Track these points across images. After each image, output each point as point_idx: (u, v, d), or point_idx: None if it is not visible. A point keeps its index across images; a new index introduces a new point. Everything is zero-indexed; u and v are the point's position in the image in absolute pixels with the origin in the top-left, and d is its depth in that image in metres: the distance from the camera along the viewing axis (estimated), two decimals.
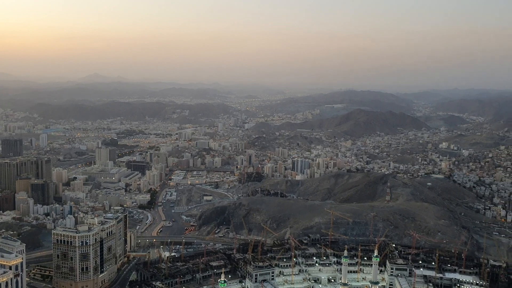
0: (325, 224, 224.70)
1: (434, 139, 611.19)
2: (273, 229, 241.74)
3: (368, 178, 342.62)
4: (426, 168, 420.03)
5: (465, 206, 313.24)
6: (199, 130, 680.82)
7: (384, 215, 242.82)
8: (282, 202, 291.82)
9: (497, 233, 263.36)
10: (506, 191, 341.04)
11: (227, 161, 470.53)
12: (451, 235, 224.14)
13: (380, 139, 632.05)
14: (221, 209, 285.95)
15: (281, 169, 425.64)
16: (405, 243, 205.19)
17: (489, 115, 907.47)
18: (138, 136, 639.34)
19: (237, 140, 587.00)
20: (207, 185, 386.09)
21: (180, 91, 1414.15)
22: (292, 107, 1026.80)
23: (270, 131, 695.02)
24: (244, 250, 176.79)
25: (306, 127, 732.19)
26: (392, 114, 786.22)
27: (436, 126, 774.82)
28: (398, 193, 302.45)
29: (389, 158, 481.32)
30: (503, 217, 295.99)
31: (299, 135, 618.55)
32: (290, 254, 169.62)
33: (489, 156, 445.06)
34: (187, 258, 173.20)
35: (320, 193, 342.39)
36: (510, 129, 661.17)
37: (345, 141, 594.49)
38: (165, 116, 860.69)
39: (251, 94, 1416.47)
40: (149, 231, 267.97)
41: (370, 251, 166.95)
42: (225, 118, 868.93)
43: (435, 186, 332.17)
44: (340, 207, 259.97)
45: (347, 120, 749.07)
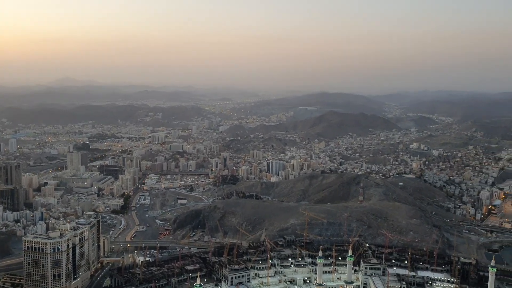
0: (300, 225, 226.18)
1: (405, 140, 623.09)
2: (248, 232, 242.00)
3: (342, 179, 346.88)
4: (397, 168, 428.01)
5: (435, 205, 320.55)
6: (172, 133, 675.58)
7: (358, 215, 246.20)
8: (257, 204, 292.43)
9: (467, 231, 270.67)
10: (474, 190, 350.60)
11: (201, 164, 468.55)
12: (422, 233, 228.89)
13: (353, 140, 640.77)
14: (196, 213, 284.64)
15: (256, 171, 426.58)
16: (379, 242, 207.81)
17: (457, 116, 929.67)
18: (110, 140, 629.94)
19: (211, 143, 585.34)
20: (181, 188, 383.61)
21: (153, 94, 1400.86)
22: (266, 109, 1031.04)
23: (245, 133, 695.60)
24: (220, 253, 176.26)
25: (281, 129, 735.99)
26: (364, 116, 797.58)
27: (407, 127, 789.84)
28: (371, 193, 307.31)
29: (362, 159, 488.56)
30: (472, 215, 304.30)
31: (274, 137, 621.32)
32: (266, 256, 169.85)
33: (458, 156, 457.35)
34: (162, 263, 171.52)
35: (295, 194, 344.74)
36: (478, 129, 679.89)
37: (318, 143, 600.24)
38: (138, 119, 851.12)
39: (225, 97, 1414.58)
40: (123, 236, 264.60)
41: (345, 251, 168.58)
42: (199, 121, 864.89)
43: (406, 186, 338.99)
44: (315, 208, 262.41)
45: (320, 121, 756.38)
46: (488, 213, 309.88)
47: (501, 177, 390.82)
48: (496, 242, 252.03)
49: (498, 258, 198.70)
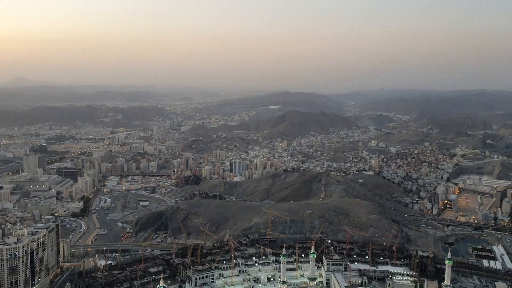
0: (263, 224, 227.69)
1: (364, 138, 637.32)
2: (212, 232, 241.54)
3: (304, 177, 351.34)
4: (357, 166, 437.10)
5: (394, 200, 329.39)
6: (133, 134, 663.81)
7: (320, 212, 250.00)
8: (221, 204, 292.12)
9: (424, 225, 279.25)
10: (431, 185, 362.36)
11: (163, 165, 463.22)
12: (382, 229, 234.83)
13: (314, 139, 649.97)
14: (158, 214, 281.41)
15: (219, 171, 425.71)
16: (340, 238, 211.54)
17: (413, 114, 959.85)
18: (68, 141, 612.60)
19: (173, 143, 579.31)
20: (143, 190, 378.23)
21: (112, 94, 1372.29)
22: (228, 109, 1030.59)
23: (207, 133, 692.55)
24: (183, 254, 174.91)
25: (243, 129, 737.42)
26: (324, 115, 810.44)
27: (365, 125, 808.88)
28: (332, 190, 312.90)
29: (323, 157, 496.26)
30: (429, 210, 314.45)
31: (236, 136, 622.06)
32: (230, 255, 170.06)
33: (415, 153, 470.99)
34: (124, 266, 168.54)
35: (258, 193, 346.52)
36: (433, 126, 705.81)
37: (281, 142, 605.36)
38: (97, 120, 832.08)
39: (187, 97, 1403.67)
40: (83, 239, 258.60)
41: (307, 248, 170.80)
42: (160, 121, 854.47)
43: (366, 183, 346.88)
44: (278, 207, 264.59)
45: (282, 121, 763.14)
46: (444, 208, 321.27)
47: (455, 172, 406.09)
48: (452, 236, 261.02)
49: (454, 250, 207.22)
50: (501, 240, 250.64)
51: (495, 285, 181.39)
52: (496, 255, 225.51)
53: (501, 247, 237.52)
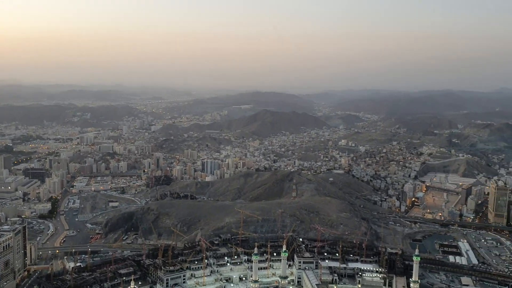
0: (235, 224, 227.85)
1: (334, 137, 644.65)
2: (183, 232, 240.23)
3: (276, 176, 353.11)
4: (327, 164, 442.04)
5: (363, 198, 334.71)
6: (102, 134, 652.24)
7: (291, 211, 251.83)
8: (192, 204, 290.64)
9: (393, 222, 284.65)
10: (399, 183, 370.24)
11: (133, 165, 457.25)
12: (352, 226, 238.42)
13: (286, 138, 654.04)
14: (128, 215, 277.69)
15: (190, 171, 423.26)
16: (311, 236, 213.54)
17: (382, 114, 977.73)
18: (35, 141, 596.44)
19: (143, 143, 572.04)
20: (112, 190, 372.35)
21: (81, 93, 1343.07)
22: (200, 108, 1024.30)
23: (178, 133, 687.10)
24: (154, 255, 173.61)
25: (215, 128, 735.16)
26: (295, 114, 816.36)
27: (335, 125, 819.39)
28: (303, 189, 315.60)
29: (294, 156, 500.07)
30: (397, 208, 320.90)
31: (208, 136, 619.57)
32: (201, 256, 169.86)
33: (383, 152, 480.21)
34: (93, 268, 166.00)
35: (230, 193, 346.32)
36: (401, 126, 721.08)
37: (253, 141, 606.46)
38: (65, 120, 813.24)
39: (157, 96, 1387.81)
40: (51, 241, 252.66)
41: (279, 247, 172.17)
42: (130, 120, 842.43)
43: (336, 181, 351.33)
44: (250, 206, 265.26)
45: (254, 120, 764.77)
46: (412, 205, 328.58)
47: (422, 170, 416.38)
48: (419, 232, 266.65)
49: (421, 247, 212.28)
50: (466, 236, 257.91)
51: (461, 280, 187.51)
52: (461, 251, 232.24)
53: (466, 243, 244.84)
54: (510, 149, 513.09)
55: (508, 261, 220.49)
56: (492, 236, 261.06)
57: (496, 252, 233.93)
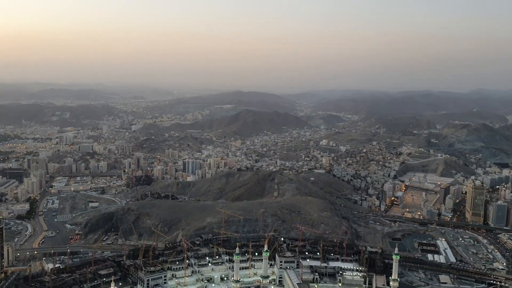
0: (217, 224, 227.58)
1: (315, 137, 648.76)
2: (164, 233, 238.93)
3: (257, 176, 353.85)
4: (309, 164, 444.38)
5: (344, 198, 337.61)
6: (81, 133, 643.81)
7: (273, 211, 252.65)
8: (173, 204, 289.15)
9: (373, 221, 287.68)
10: (379, 183, 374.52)
11: (113, 165, 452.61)
12: (333, 225, 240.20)
13: (267, 138, 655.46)
14: (108, 215, 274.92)
15: (171, 171, 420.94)
16: (293, 236, 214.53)
17: (362, 114, 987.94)
18: (13, 141, 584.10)
19: (123, 142, 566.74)
20: (92, 191, 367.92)
21: (60, 92, 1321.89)
22: (181, 107, 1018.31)
23: (159, 132, 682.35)
24: (135, 256, 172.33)
25: (196, 128, 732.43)
26: (277, 114, 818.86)
27: (317, 125, 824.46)
28: (285, 189, 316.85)
29: (276, 156, 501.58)
30: (377, 207, 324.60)
31: (190, 136, 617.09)
32: (183, 256, 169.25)
33: (364, 151, 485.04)
34: (73, 269, 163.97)
35: (212, 193, 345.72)
36: (380, 126, 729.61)
37: (235, 141, 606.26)
38: (44, 119, 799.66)
39: (138, 95, 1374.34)
40: (30, 243, 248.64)
41: (261, 247, 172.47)
42: (110, 120, 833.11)
43: (317, 181, 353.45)
44: (232, 206, 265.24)
45: (236, 120, 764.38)
46: (391, 204, 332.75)
47: (402, 170, 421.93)
48: (399, 231, 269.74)
49: (401, 246, 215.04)
50: (444, 235, 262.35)
51: (439, 278, 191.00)
52: (440, 249, 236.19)
53: (445, 241, 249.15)
54: (487, 149, 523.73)
55: (485, 259, 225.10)
56: (470, 235, 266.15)
57: (473, 250, 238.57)
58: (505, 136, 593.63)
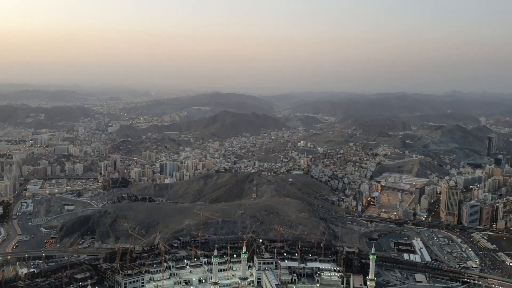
0: (195, 226, 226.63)
1: (293, 138, 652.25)
2: (142, 235, 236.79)
3: (236, 178, 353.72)
4: (287, 165, 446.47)
5: (322, 198, 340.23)
6: (57, 135, 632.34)
7: (251, 212, 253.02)
8: (151, 207, 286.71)
9: (350, 222, 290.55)
10: (355, 184, 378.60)
11: (89, 167, 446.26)
12: (311, 226, 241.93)
13: (246, 139, 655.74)
14: (84, 219, 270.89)
15: (148, 173, 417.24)
16: (271, 237, 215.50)
17: (339, 115, 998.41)
18: None
19: (100, 144, 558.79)
20: (68, 194, 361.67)
21: (35, 93, 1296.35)
22: (158, 109, 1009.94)
23: (136, 134, 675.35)
24: (112, 259, 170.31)
25: (174, 130, 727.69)
26: (255, 116, 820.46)
27: (295, 126, 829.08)
28: (263, 190, 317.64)
29: (254, 157, 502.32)
30: (354, 207, 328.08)
31: (167, 137, 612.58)
32: (160, 259, 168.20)
33: (341, 153, 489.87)
34: (48, 273, 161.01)
35: (190, 195, 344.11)
36: (357, 127, 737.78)
37: (213, 142, 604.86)
38: (18, 121, 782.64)
39: (114, 96, 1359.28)
40: (3, 247, 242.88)
41: (239, 248, 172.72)
42: (86, 121, 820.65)
43: (295, 182, 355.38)
44: (210, 208, 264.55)
45: (214, 121, 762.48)
46: (368, 205, 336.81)
47: (378, 171, 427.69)
48: (375, 231, 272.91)
49: (377, 245, 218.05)
50: (419, 235, 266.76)
51: (415, 277, 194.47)
52: (415, 248, 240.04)
53: (420, 241, 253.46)
54: (461, 150, 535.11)
55: (459, 258, 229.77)
56: (444, 234, 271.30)
57: (448, 249, 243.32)
58: (478, 137, 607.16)
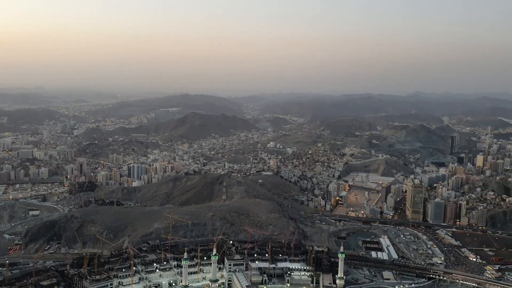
0: (164, 229, 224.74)
1: (262, 139, 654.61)
2: (110, 240, 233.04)
3: (205, 180, 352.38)
4: (257, 166, 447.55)
5: (291, 199, 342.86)
6: (20, 139, 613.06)
7: (221, 214, 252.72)
8: (119, 210, 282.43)
9: (319, 221, 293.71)
10: (324, 183, 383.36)
11: (55, 171, 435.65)
12: (281, 227, 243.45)
13: (215, 141, 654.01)
14: (50, 224, 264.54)
15: (116, 176, 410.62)
16: (241, 238, 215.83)
17: (307, 116, 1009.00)
18: None
19: (65, 148, 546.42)
20: (32, 198, 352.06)
21: None
22: (125, 111, 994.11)
23: (103, 137, 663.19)
24: (79, 264, 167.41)
25: (142, 132, 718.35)
26: (225, 117, 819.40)
27: (264, 127, 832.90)
28: (233, 192, 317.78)
29: (224, 159, 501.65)
30: (323, 207, 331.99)
31: (135, 140, 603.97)
32: (129, 263, 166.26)
33: (309, 153, 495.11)
34: (12, 281, 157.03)
35: (159, 198, 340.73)
36: (325, 128, 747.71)
37: (182, 144, 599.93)
38: None
39: (80, 98, 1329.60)
40: None
41: (209, 251, 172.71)
42: (51, 124, 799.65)
43: (265, 183, 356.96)
44: (179, 210, 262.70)
45: (183, 123, 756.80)
46: (336, 204, 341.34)
47: (345, 170, 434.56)
48: (344, 230, 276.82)
49: (346, 244, 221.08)
50: (386, 232, 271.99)
51: (383, 275, 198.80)
52: (383, 246, 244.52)
53: (387, 239, 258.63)
54: (425, 149, 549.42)
55: (425, 255, 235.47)
56: (410, 232, 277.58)
57: (414, 246, 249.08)
58: (441, 137, 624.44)
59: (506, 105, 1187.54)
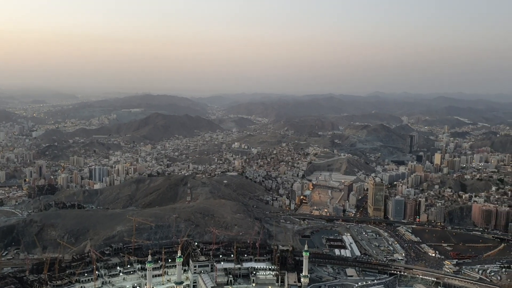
0: (127, 232, 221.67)
1: (227, 140, 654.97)
2: (71, 244, 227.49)
3: (169, 181, 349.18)
4: (222, 167, 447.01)
5: (256, 199, 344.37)
6: None
7: (186, 215, 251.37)
8: (80, 214, 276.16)
9: (284, 220, 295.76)
10: (288, 183, 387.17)
11: (12, 174, 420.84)
12: (246, 227, 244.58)
13: (179, 142, 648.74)
14: (8, 229, 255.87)
15: (77, 179, 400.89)
16: (207, 239, 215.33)
17: (271, 116, 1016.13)
18: None
19: (24, 150, 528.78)
20: None
21: None
22: (86, 112, 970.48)
23: (63, 138, 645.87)
24: (39, 270, 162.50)
25: (103, 133, 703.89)
26: (188, 118, 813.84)
27: (229, 128, 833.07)
28: (198, 193, 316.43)
29: (188, 160, 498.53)
30: (287, 206, 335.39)
31: (96, 141, 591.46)
32: (92, 267, 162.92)
33: (274, 153, 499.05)
34: None
35: (121, 200, 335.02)
36: (289, 128, 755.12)
37: (144, 146, 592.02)
38: None
39: (38, 99, 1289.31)
40: None
41: (174, 253, 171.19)
42: (8, 126, 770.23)
43: (230, 183, 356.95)
44: (143, 213, 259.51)
45: (145, 124, 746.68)
46: (300, 203, 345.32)
47: (309, 169, 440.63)
48: (308, 229, 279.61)
49: (310, 242, 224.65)
50: (349, 230, 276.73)
51: (346, 272, 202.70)
52: (346, 244, 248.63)
53: (350, 236, 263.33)
54: (385, 148, 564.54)
55: (386, 251, 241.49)
56: (372, 229, 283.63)
57: (376, 243, 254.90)
58: (400, 136, 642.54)
59: (461, 105, 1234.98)
